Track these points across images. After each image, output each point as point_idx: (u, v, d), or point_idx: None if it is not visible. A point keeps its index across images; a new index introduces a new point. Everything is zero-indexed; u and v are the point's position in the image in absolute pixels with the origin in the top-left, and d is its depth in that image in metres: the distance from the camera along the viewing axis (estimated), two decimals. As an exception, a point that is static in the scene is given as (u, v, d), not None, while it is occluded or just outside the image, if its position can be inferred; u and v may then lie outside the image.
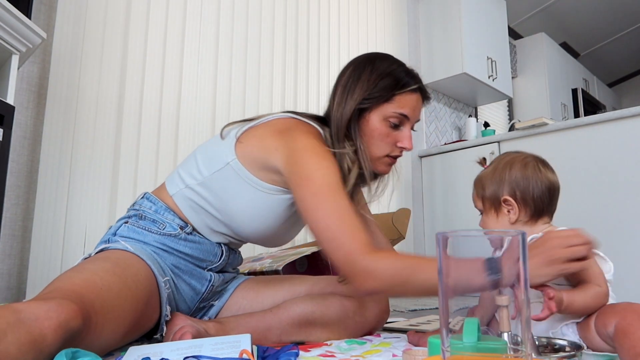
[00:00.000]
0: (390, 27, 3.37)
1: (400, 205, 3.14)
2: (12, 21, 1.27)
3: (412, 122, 1.08)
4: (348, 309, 1.07)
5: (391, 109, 1.04)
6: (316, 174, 0.93)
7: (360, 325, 1.10)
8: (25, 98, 1.71)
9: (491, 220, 1.05)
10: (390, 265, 0.85)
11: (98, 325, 0.75)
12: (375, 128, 1.05)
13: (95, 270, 0.84)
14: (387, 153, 1.07)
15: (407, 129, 1.07)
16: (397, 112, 1.05)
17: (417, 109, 1.08)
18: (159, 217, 1.05)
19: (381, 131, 1.05)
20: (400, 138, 1.07)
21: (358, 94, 1.05)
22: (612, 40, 5.34)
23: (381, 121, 1.05)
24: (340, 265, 0.88)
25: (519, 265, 0.52)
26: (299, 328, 1.04)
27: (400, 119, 1.05)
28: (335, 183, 0.94)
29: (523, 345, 0.51)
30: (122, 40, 1.96)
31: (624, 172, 2.42)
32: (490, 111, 4.32)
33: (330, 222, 0.89)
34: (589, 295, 0.89)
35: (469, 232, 0.55)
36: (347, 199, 0.94)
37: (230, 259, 1.15)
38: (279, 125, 1.04)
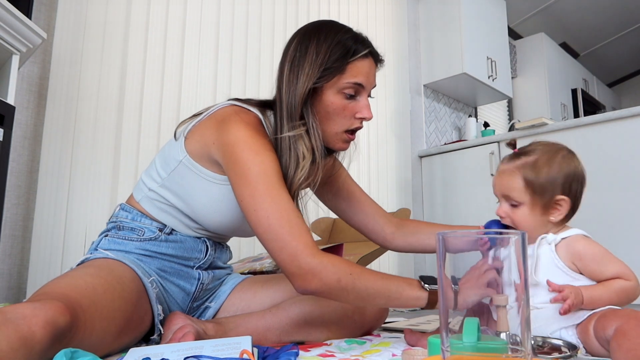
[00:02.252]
0: (390, 27, 3.37)
1: (400, 205, 3.14)
2: (13, 21, 1.27)
3: (368, 90, 1.03)
4: (347, 309, 1.07)
5: (345, 80, 0.98)
6: (251, 171, 0.90)
7: (359, 325, 1.10)
8: (25, 98, 1.72)
9: (533, 214, 0.96)
10: (336, 269, 0.85)
11: (87, 323, 0.75)
12: (331, 103, 0.99)
13: (78, 275, 0.85)
14: (347, 127, 1.02)
15: (364, 98, 1.02)
16: (352, 82, 0.99)
17: (371, 75, 1.02)
18: (136, 224, 1.05)
19: (337, 105, 0.99)
20: (359, 108, 1.01)
21: (309, 71, 0.98)
22: (612, 40, 5.34)
23: (336, 94, 0.99)
24: (285, 265, 0.86)
25: (519, 266, 0.52)
26: (298, 328, 1.04)
27: (355, 88, 1.00)
28: (272, 179, 0.90)
29: (522, 345, 0.51)
30: (123, 40, 1.96)
31: (624, 172, 2.42)
32: (490, 111, 4.33)
33: (271, 223, 0.87)
34: (614, 289, 0.88)
35: (469, 232, 0.55)
36: (286, 194, 0.91)
37: (217, 254, 1.14)
38: (217, 117, 1.00)
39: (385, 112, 3.20)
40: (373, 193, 2.99)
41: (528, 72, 4.55)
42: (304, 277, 0.85)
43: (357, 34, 1.03)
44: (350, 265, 0.87)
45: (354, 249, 2.02)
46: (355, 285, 0.85)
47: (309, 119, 0.99)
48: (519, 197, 0.96)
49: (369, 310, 1.11)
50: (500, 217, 0.99)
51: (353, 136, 1.04)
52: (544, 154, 0.98)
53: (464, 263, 0.55)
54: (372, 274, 0.87)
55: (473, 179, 3.06)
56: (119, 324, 0.84)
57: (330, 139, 1.02)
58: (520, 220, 0.97)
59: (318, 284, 0.85)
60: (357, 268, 0.87)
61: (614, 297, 0.88)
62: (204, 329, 0.96)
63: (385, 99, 3.22)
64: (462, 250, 0.55)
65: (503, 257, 0.53)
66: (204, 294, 1.13)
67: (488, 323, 0.53)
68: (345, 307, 1.07)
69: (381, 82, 3.21)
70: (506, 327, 0.52)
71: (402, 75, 3.40)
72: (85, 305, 0.76)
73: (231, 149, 0.93)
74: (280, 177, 0.92)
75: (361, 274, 0.86)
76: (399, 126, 3.29)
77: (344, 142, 1.03)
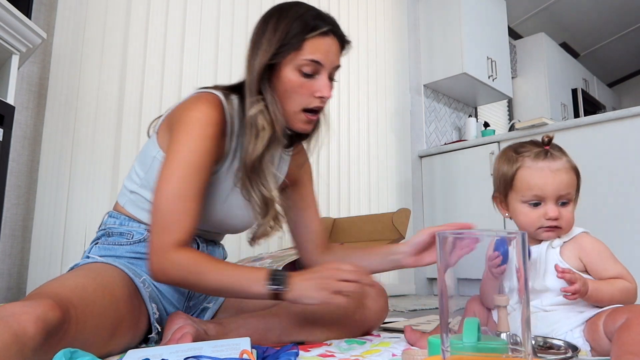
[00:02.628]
0: (390, 27, 3.37)
1: (400, 205, 3.14)
2: (12, 21, 1.27)
3: (328, 69, 0.99)
4: (348, 309, 1.07)
5: (302, 57, 0.96)
6: (179, 154, 0.93)
7: (360, 324, 1.10)
8: (25, 98, 1.72)
9: (574, 213, 0.96)
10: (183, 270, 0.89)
11: (79, 318, 0.75)
12: (288, 80, 0.97)
13: (68, 277, 0.86)
14: (304, 106, 0.99)
15: (323, 77, 0.99)
16: (309, 59, 0.96)
17: (331, 54, 0.99)
18: (125, 228, 1.05)
19: (294, 82, 0.97)
20: (317, 87, 0.98)
21: (266, 46, 0.97)
22: (612, 40, 5.34)
23: (293, 71, 0.97)
24: (150, 248, 0.91)
25: (520, 267, 0.52)
26: (299, 328, 1.03)
27: (313, 66, 0.97)
28: (191, 170, 0.92)
29: (522, 346, 0.51)
30: (122, 40, 1.96)
31: (624, 172, 2.42)
32: (490, 111, 4.33)
33: (163, 206, 0.91)
34: (617, 287, 0.88)
35: (469, 232, 0.55)
36: (194, 189, 0.92)
37: (209, 251, 1.13)
38: (181, 104, 1.01)
39: (385, 112, 3.20)
40: (373, 193, 3.00)
41: (528, 72, 4.55)
42: (154, 270, 0.91)
43: (320, 12, 1.02)
44: (201, 263, 0.90)
45: (354, 249, 2.02)
46: (201, 282, 0.89)
47: (267, 95, 0.98)
48: (573, 194, 0.95)
49: (370, 309, 1.11)
50: (555, 217, 0.93)
51: (313, 116, 1.01)
52: (560, 147, 0.98)
53: (464, 263, 0.55)
54: (221, 270, 0.90)
55: (473, 179, 3.06)
56: (112, 321, 0.84)
57: (289, 119, 1.00)
58: (570, 217, 0.95)
59: (164, 279, 0.91)
60: (207, 265, 0.90)
61: (616, 294, 0.88)
62: (205, 329, 0.95)
63: (385, 99, 3.22)
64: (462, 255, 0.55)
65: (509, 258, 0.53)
66: (198, 293, 1.12)
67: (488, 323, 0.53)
68: (346, 307, 1.06)
69: (381, 82, 3.22)
70: (507, 328, 0.51)
71: (402, 75, 3.40)
72: (76, 301, 0.76)
73: (177, 128, 0.96)
74: (201, 171, 0.94)
75: (209, 272, 0.89)
76: (399, 126, 3.29)
77: (304, 122, 1.01)
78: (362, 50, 3.10)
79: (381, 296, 1.14)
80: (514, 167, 0.97)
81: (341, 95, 2.91)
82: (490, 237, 0.54)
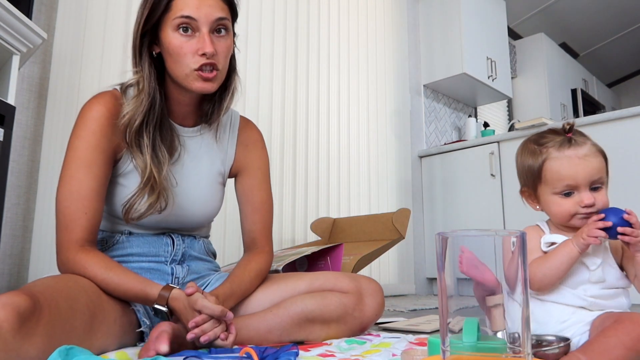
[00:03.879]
0: (390, 27, 3.37)
1: (400, 205, 3.14)
2: (13, 21, 1.27)
3: (206, 23, 0.96)
4: (347, 306, 1.08)
5: (173, 16, 0.95)
6: (67, 155, 0.98)
7: (359, 321, 1.10)
8: (25, 98, 1.72)
9: (606, 194, 0.94)
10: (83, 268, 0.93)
11: (52, 303, 0.76)
12: (168, 43, 0.97)
13: (40, 279, 0.91)
14: (192, 67, 0.97)
15: (202, 33, 0.96)
16: (179, 16, 0.95)
17: (204, 6, 0.96)
18: (99, 237, 1.05)
19: (174, 44, 0.96)
20: (199, 44, 0.96)
21: (139, 16, 0.99)
22: (612, 40, 5.34)
23: (172, 34, 0.97)
24: (57, 247, 0.96)
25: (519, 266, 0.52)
26: (299, 326, 1.04)
27: (187, 22, 0.95)
28: (79, 165, 0.96)
29: (522, 345, 0.51)
30: (123, 40, 1.96)
31: (624, 172, 2.42)
32: (489, 111, 4.33)
33: (60, 206, 0.96)
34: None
35: (469, 232, 0.55)
36: (92, 182, 0.96)
37: (187, 244, 1.12)
38: None
39: (385, 112, 3.20)
40: (373, 193, 3.00)
41: (528, 72, 4.55)
42: (59, 267, 0.96)
43: None
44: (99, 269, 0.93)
45: (354, 249, 2.02)
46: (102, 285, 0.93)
47: (145, 65, 1.00)
48: (604, 177, 0.93)
49: (368, 306, 1.11)
50: (591, 204, 0.90)
51: (208, 74, 0.98)
52: (581, 132, 0.97)
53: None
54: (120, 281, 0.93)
55: (473, 179, 3.06)
56: (88, 305, 0.85)
57: (184, 82, 0.99)
58: (605, 200, 0.92)
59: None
60: (106, 272, 0.93)
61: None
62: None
63: (385, 99, 3.23)
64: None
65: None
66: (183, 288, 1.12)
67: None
68: (345, 304, 1.07)
69: (381, 82, 3.22)
70: (502, 326, 0.52)
71: (402, 75, 3.40)
72: (44, 289, 0.80)
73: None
74: (93, 167, 0.97)
75: (108, 281, 0.92)
76: (399, 126, 3.30)
77: (200, 80, 0.98)
78: (362, 50, 3.10)
79: (378, 292, 1.14)
80: (540, 160, 0.94)
81: (341, 95, 2.92)
82: (490, 237, 0.54)
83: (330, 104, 2.84)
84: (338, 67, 2.93)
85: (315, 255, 1.81)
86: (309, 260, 1.84)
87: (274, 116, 2.52)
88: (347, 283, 1.10)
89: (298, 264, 1.80)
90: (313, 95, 2.74)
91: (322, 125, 2.76)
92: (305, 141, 2.65)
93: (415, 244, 3.22)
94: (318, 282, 1.12)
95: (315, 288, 1.10)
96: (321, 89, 2.79)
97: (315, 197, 2.65)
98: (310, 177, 2.64)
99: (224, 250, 2.10)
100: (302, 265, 1.82)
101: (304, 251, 1.76)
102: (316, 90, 2.77)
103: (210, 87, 0.99)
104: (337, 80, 2.90)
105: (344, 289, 1.10)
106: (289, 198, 2.51)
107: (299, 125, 2.63)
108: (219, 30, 1.00)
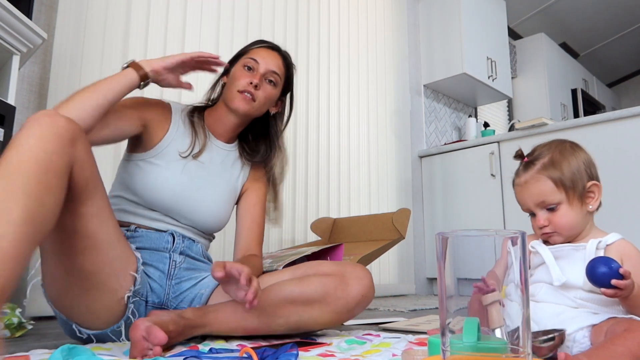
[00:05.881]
0: (390, 27, 3.37)
1: (400, 205, 3.14)
2: (13, 21, 1.27)
3: (262, 69, 1.25)
4: (328, 286, 1.07)
5: (245, 57, 1.29)
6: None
7: (343, 301, 1.08)
8: (26, 98, 1.72)
9: (573, 210, 0.95)
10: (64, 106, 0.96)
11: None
12: (234, 73, 1.28)
13: None
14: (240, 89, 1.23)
15: (258, 73, 1.25)
16: (249, 57, 1.28)
17: (267, 58, 1.27)
18: None
19: (237, 74, 1.27)
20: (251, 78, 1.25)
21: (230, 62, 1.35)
22: (612, 40, 5.34)
23: (239, 69, 1.27)
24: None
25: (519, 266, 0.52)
26: (279, 309, 1.04)
27: (252, 63, 1.26)
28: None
29: (522, 345, 0.51)
30: (123, 40, 1.96)
31: (624, 172, 2.42)
32: (490, 111, 4.33)
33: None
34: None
35: (469, 232, 0.55)
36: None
37: (186, 244, 1.19)
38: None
39: (385, 112, 3.20)
40: (373, 193, 3.00)
41: (528, 72, 4.55)
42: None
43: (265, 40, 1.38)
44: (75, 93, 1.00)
45: (354, 249, 2.02)
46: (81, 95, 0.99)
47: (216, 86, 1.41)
48: (555, 198, 0.95)
49: (353, 287, 1.09)
50: (542, 225, 0.96)
51: (244, 95, 1.24)
52: (553, 151, 0.99)
53: (464, 263, 0.55)
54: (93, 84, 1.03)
55: (473, 179, 3.06)
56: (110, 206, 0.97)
57: (228, 100, 1.26)
58: (564, 221, 0.95)
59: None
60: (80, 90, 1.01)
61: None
62: (181, 314, 0.99)
63: (385, 99, 3.23)
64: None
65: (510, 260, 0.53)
66: (180, 273, 1.15)
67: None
68: (325, 285, 1.07)
69: (381, 82, 3.22)
70: (500, 322, 0.52)
71: (402, 76, 3.40)
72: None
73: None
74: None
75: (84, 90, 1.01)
76: (399, 126, 3.30)
77: (238, 99, 1.23)
78: (362, 50, 3.10)
79: (364, 276, 1.12)
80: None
81: (341, 95, 2.92)
82: (490, 237, 0.54)
83: (331, 103, 2.84)
84: (338, 67, 2.93)
85: (315, 255, 1.81)
86: (309, 260, 1.83)
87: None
88: (328, 267, 1.13)
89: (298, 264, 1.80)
90: (313, 95, 2.74)
91: (322, 125, 2.76)
92: (305, 141, 2.65)
93: (415, 244, 3.22)
94: (300, 270, 1.15)
95: (297, 275, 1.13)
96: (321, 89, 2.79)
97: (316, 197, 2.65)
98: (310, 177, 2.64)
99: (223, 252, 2.10)
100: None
101: (304, 251, 1.76)
102: (316, 90, 2.77)
103: (242, 106, 1.22)
104: (337, 80, 2.90)
105: (325, 272, 1.11)
106: (289, 198, 2.52)
107: (299, 125, 2.63)
108: (270, 80, 1.26)
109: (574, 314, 0.91)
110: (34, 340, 1.15)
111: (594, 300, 0.92)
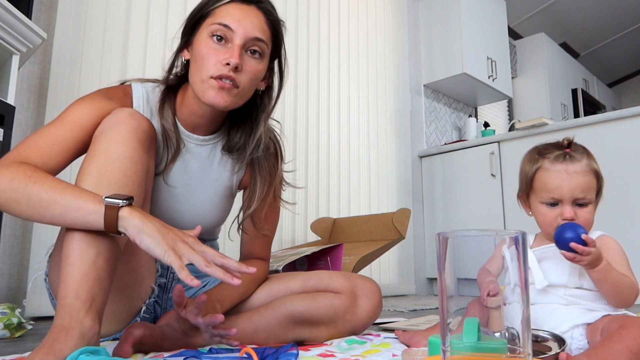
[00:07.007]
0: (390, 27, 3.37)
1: (400, 205, 3.14)
2: (13, 21, 1.27)
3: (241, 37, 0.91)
4: (338, 309, 1.05)
5: (212, 21, 0.92)
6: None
7: (351, 324, 1.07)
8: (25, 98, 1.72)
9: (593, 212, 0.97)
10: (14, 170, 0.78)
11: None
12: (198, 47, 0.93)
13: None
14: (211, 74, 0.90)
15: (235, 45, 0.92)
16: (217, 22, 0.91)
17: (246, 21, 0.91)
18: None
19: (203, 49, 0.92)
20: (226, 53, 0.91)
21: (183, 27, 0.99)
22: (612, 40, 5.34)
23: (205, 38, 0.92)
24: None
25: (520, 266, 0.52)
26: (286, 328, 1.02)
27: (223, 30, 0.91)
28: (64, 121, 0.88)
29: (522, 346, 0.51)
30: (123, 40, 1.96)
31: (624, 172, 2.42)
32: (490, 111, 4.33)
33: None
34: (625, 280, 0.90)
35: (469, 232, 0.55)
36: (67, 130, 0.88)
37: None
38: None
39: (385, 112, 3.20)
40: (373, 193, 3.00)
41: (528, 72, 4.55)
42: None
43: None
44: (32, 170, 0.78)
45: (354, 249, 2.02)
46: (28, 188, 0.76)
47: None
48: (592, 196, 0.96)
49: (363, 308, 1.08)
50: (569, 219, 0.94)
51: (222, 83, 0.90)
52: (583, 149, 1.01)
53: (464, 263, 0.55)
54: (55, 183, 0.78)
55: (473, 179, 3.06)
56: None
57: (198, 90, 0.93)
58: (589, 219, 0.95)
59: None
60: (40, 174, 0.78)
61: (622, 282, 0.89)
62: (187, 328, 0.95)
63: (385, 99, 3.23)
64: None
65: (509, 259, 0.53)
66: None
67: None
68: (336, 308, 1.05)
69: (381, 82, 3.22)
70: (500, 327, 0.51)
71: (402, 75, 3.40)
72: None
73: None
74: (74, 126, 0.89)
75: (42, 179, 0.77)
76: (399, 126, 3.30)
77: (213, 89, 0.91)
78: (362, 50, 3.10)
79: (375, 293, 1.10)
80: (534, 168, 1.00)
81: (341, 95, 2.91)
82: (490, 237, 0.54)
83: (331, 103, 2.84)
84: (338, 67, 2.92)
85: (316, 255, 1.81)
86: (309, 260, 1.84)
87: (274, 116, 2.51)
88: (340, 283, 1.07)
89: (298, 264, 1.80)
90: (313, 95, 2.74)
91: (322, 125, 2.76)
92: (305, 141, 2.65)
93: (415, 244, 3.22)
94: (311, 281, 1.09)
95: (308, 287, 1.08)
96: (321, 89, 2.79)
97: (316, 197, 2.65)
98: (310, 177, 2.64)
99: (223, 251, 2.10)
100: (302, 265, 1.82)
101: (304, 251, 1.76)
102: (316, 90, 2.76)
103: (221, 100, 0.90)
104: (337, 80, 2.90)
105: (337, 289, 1.07)
106: (289, 198, 2.51)
107: (299, 125, 2.63)
108: (253, 51, 0.93)
109: (567, 311, 0.92)
110: (34, 340, 1.15)
111: (583, 297, 0.93)
